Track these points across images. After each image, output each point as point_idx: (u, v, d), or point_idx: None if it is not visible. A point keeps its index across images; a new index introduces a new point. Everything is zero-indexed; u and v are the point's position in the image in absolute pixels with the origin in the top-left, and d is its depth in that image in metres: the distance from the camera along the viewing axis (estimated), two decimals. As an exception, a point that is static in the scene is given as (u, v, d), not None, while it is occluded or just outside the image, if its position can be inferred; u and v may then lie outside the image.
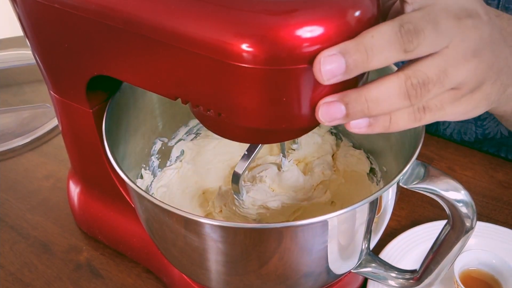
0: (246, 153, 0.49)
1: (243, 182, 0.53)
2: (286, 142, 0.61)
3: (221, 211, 0.57)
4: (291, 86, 0.35)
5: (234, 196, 0.53)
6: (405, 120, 0.36)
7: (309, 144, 0.63)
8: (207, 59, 0.34)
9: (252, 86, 0.35)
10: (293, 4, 0.33)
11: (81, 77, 0.47)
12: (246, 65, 0.33)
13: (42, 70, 0.52)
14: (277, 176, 0.58)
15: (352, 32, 0.34)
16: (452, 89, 0.36)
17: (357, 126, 0.36)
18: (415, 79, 0.34)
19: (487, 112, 0.75)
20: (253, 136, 0.42)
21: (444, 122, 0.80)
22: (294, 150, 0.63)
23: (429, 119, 0.37)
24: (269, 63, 0.33)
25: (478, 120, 0.76)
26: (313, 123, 0.37)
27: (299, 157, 0.63)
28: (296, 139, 0.62)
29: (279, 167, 0.59)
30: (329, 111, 0.35)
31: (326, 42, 0.33)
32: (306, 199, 0.57)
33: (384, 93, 0.35)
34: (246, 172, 0.59)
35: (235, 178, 0.50)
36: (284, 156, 0.58)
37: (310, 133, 0.61)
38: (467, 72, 0.36)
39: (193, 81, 0.37)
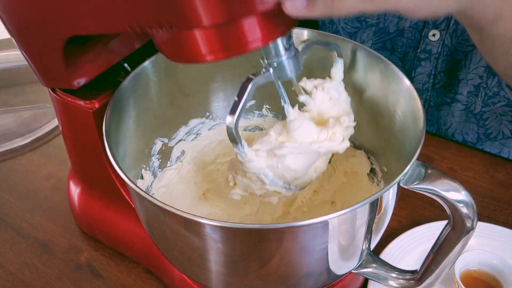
0: (235, 99, 0.42)
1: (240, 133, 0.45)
2: (291, 95, 0.51)
3: (235, 183, 0.51)
4: None
5: (235, 150, 0.46)
6: None
7: (323, 100, 0.51)
8: None
9: None
10: None
11: (54, 44, 0.47)
12: None
13: (30, 64, 0.52)
14: (283, 128, 0.49)
15: None
16: None
17: (294, 6, 0.33)
18: None
19: (489, 112, 0.75)
20: (218, 44, 0.38)
21: (445, 122, 0.80)
22: (304, 105, 0.51)
23: None
24: None
25: (480, 119, 0.76)
26: (270, 6, 0.34)
27: (312, 116, 0.51)
28: (303, 91, 0.51)
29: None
30: None
31: None
32: (320, 146, 0.48)
33: None
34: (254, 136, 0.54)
35: (229, 132, 0.44)
36: (285, 102, 0.49)
37: (324, 88, 0.51)
38: None
39: None
